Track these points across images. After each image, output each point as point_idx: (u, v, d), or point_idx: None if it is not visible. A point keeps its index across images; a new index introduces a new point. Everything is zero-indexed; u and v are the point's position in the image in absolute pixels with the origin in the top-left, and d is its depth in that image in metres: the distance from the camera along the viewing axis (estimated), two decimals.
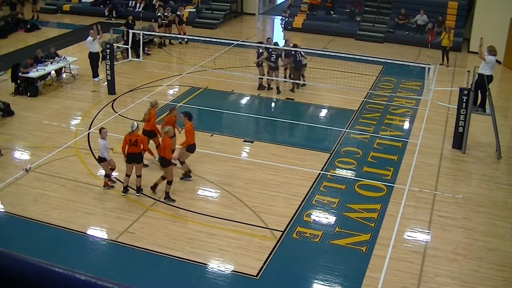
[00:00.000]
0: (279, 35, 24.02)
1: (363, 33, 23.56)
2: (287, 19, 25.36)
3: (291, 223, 9.91)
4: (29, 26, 23.96)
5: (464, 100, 12.76)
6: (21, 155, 12.45)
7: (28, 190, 10.89)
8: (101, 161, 10.82)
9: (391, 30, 23.38)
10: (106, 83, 16.26)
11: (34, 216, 9.96)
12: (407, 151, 13.02)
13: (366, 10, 24.66)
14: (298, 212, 10.29)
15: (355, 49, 21.28)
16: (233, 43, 20.29)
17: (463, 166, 12.51)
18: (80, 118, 14.52)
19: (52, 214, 10.03)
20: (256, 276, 8.49)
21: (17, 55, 19.18)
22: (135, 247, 9.15)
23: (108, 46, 16.11)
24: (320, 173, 11.79)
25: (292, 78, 17.04)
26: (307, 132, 14.51)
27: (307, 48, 17.29)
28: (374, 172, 11.90)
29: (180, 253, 8.99)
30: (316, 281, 8.51)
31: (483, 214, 10.45)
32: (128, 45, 19.38)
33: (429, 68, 16.38)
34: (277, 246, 9.24)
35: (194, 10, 25.83)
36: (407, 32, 23.08)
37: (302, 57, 16.67)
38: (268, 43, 17.02)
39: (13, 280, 2.07)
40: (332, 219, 10.15)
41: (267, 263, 8.78)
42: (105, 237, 9.53)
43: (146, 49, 20.23)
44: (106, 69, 16.01)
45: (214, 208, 10.39)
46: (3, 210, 10.29)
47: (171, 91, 16.77)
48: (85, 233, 9.63)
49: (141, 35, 19.30)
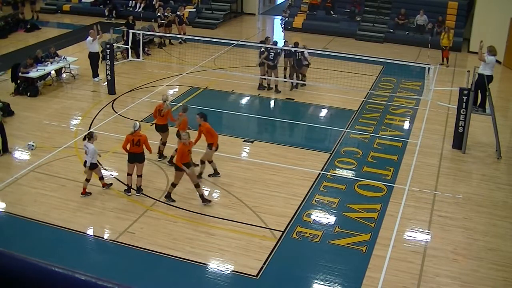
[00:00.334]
0: (279, 35, 24.03)
1: (363, 33, 23.55)
2: (287, 19, 25.35)
3: (291, 223, 9.91)
4: (29, 26, 23.96)
5: (464, 100, 12.76)
6: (21, 155, 12.45)
7: (28, 190, 10.90)
8: (92, 168, 10.40)
9: (391, 30, 23.37)
10: (106, 83, 16.26)
11: (34, 216, 9.96)
12: (407, 151, 13.02)
13: (366, 10, 24.65)
14: (298, 212, 10.28)
15: (355, 49, 21.27)
16: (233, 43, 20.29)
17: (463, 166, 12.51)
18: (80, 118, 14.52)
19: (52, 214, 10.03)
20: (256, 276, 8.49)
21: (17, 55, 19.17)
22: (135, 247, 9.15)
23: (108, 46, 16.12)
24: (320, 173, 11.79)
25: (291, 77, 17.03)
26: (307, 132, 14.51)
27: (307, 48, 17.26)
28: (374, 172, 11.90)
29: (180, 253, 8.99)
30: (316, 281, 8.51)
31: (483, 214, 10.45)
32: (128, 45, 19.38)
33: (429, 68, 16.38)
34: (277, 246, 9.24)
35: (194, 10, 25.84)
36: (407, 32, 23.06)
37: (304, 58, 16.67)
38: (268, 42, 17.02)
39: (13, 280, 2.07)
40: (332, 219, 10.15)
41: (267, 263, 8.78)
42: (105, 237, 9.53)
43: (146, 49, 20.23)
44: (106, 69, 16.01)
45: (214, 208, 10.38)
46: (3, 210, 10.29)
47: (171, 91, 16.75)
48: (85, 233, 9.64)
49: (141, 35, 19.31)
